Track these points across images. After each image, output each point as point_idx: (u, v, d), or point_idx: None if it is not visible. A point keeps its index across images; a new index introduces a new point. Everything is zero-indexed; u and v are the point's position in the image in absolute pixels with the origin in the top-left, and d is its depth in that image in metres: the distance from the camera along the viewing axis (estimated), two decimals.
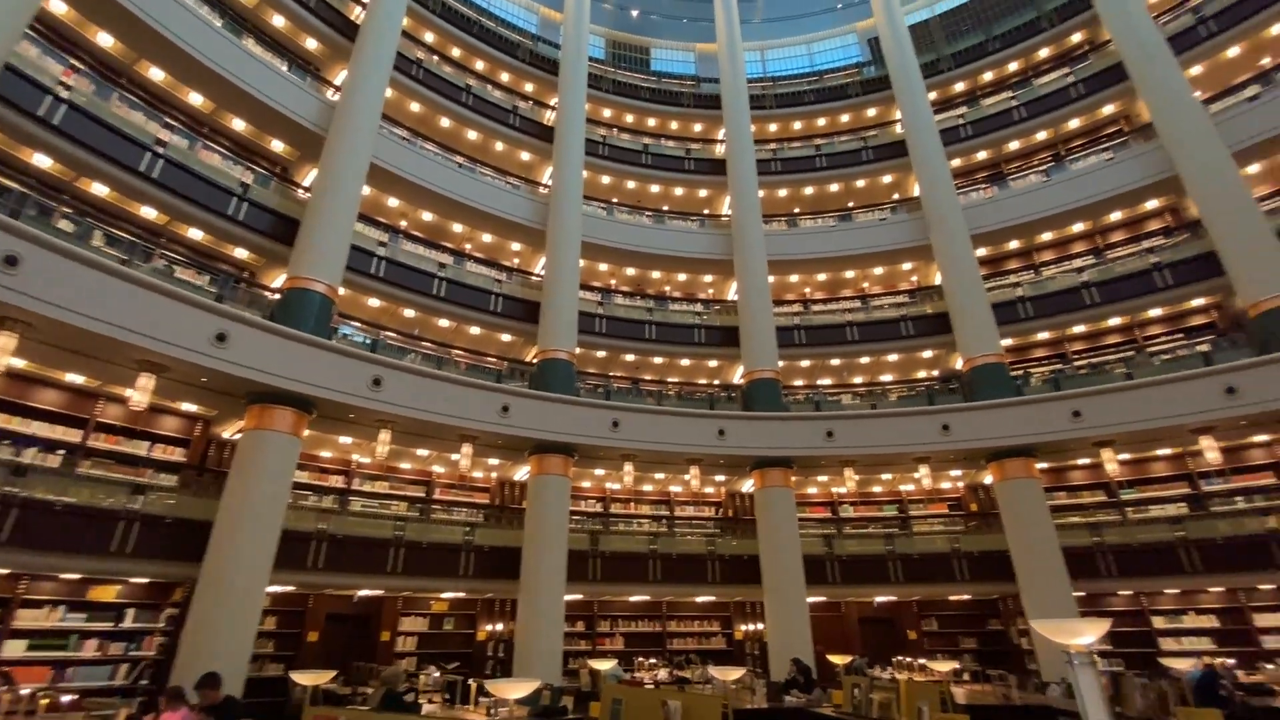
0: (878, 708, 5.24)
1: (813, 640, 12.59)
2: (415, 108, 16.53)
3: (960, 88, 19.58)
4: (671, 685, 10.32)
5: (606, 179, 18.77)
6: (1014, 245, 17.46)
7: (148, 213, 11.46)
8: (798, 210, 19.47)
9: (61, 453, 9.78)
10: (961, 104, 19.02)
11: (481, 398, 12.41)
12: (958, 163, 17.87)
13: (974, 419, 13.56)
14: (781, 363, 15.63)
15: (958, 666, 10.90)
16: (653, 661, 13.76)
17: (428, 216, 15.86)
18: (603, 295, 16.80)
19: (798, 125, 20.83)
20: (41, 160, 10.15)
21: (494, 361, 15.01)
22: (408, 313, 14.59)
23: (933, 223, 16.50)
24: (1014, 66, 18.97)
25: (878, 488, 16.94)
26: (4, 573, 8.88)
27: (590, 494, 16.75)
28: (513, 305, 15.11)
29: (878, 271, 18.47)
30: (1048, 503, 13.19)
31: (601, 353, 16.55)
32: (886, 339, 16.34)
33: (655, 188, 19.27)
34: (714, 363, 17.24)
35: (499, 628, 14.15)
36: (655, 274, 18.32)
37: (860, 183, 19.29)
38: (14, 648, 8.90)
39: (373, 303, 14.22)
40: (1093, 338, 16.19)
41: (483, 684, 7.48)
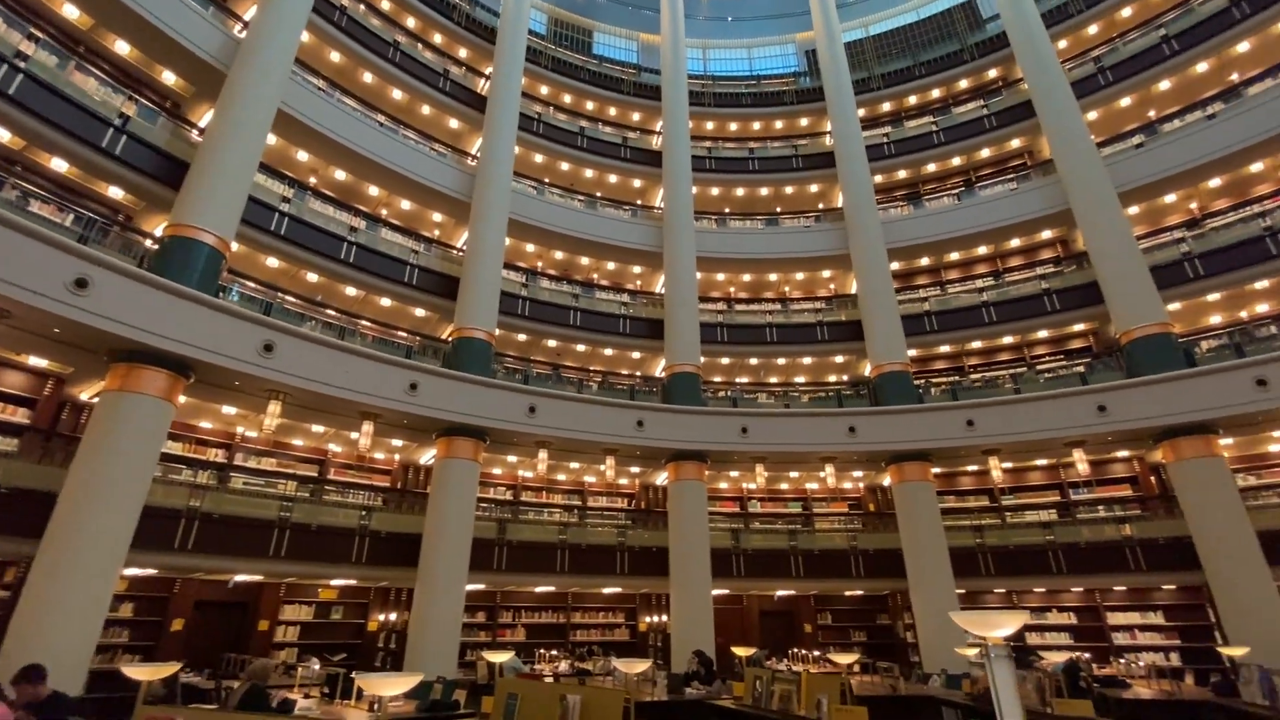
0: (778, 700, 5.25)
1: (715, 632, 12.74)
2: (335, 58, 15.28)
3: (887, 107, 20.45)
4: (572, 678, 10.09)
5: (539, 157, 18.20)
6: (925, 262, 18.47)
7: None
8: (728, 210, 19.68)
9: None
10: (887, 123, 19.87)
11: (388, 373, 11.63)
12: (880, 179, 18.66)
13: (878, 423, 14.18)
14: (703, 359, 15.72)
15: (857, 659, 11.29)
16: (554, 653, 13.48)
17: (341, 175, 14.71)
18: (527, 276, 16.25)
19: (733, 126, 21.05)
20: None
21: (405, 336, 14.14)
22: (311, 277, 13.45)
23: (853, 234, 17.13)
24: (936, 93, 20.03)
25: (785, 485, 17.43)
26: None
27: (500, 481, 16.21)
28: (430, 278, 14.29)
29: (799, 277, 18.98)
30: (938, 505, 14.00)
31: (522, 336, 16.01)
32: (803, 342, 16.82)
33: (589, 172, 18.88)
34: (637, 354, 17.11)
35: (393, 617, 13.38)
36: (584, 260, 17.94)
37: (789, 189, 19.75)
38: None
39: (271, 263, 13.00)
40: (987, 354, 17.39)
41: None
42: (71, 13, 11.17)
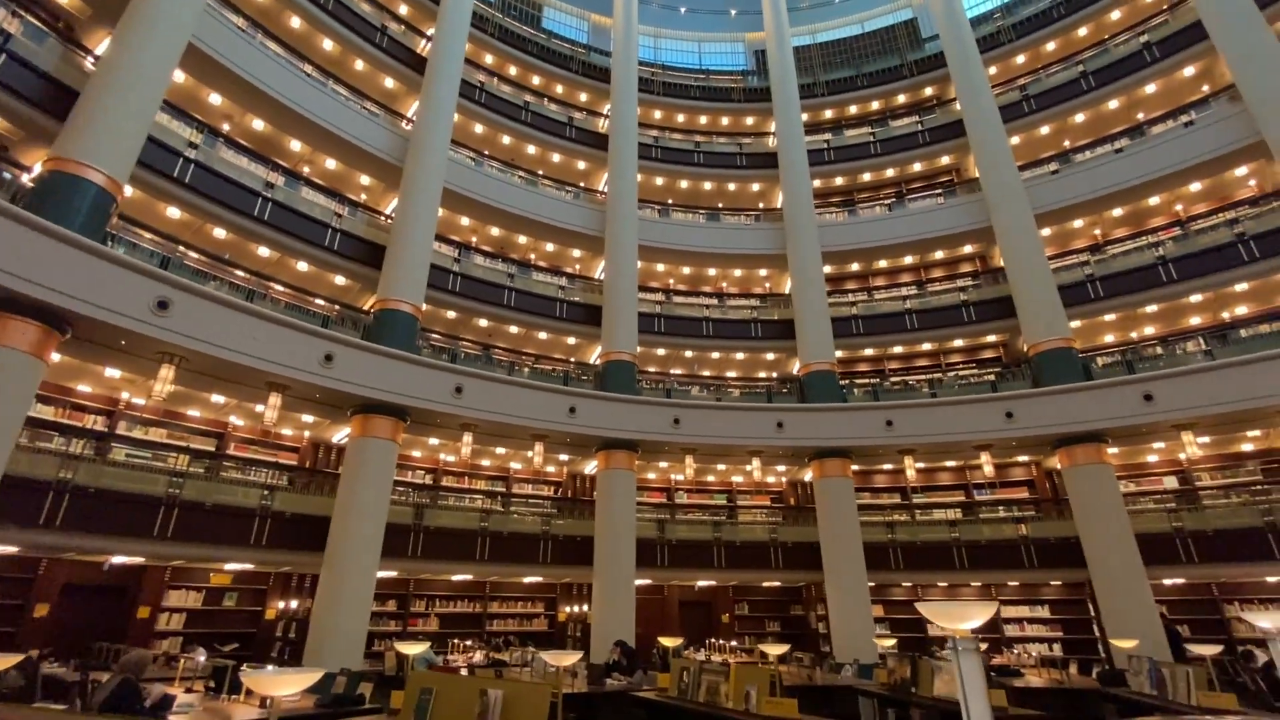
0: (706, 691, 5.16)
1: (636, 622, 12.67)
2: None
3: (829, 115, 20.94)
4: (488, 669, 9.71)
5: (479, 128, 17.42)
6: (855, 267, 19.09)
7: None
8: (671, 201, 19.58)
9: None
10: (828, 130, 20.36)
11: (301, 342, 10.74)
12: (818, 184, 19.08)
13: (805, 419, 14.52)
14: (639, 348, 15.56)
15: (789, 649, 11.41)
16: (469, 644, 12.99)
17: (259, 125, 13.46)
18: (460, 251, 15.53)
19: (681, 118, 20.96)
20: None
21: (323, 304, 13.18)
22: (218, 233, 12.24)
23: (790, 235, 17.44)
24: (876, 105, 20.70)
25: (711, 477, 17.60)
26: None
27: (420, 464, 15.47)
28: (353, 244, 13.35)
29: (737, 273, 19.17)
30: (856, 501, 14.51)
31: (452, 313, 15.29)
32: (737, 337, 16.99)
33: (532, 149, 18.26)
34: (572, 340, 16.74)
35: (293, 605, 12.49)
36: (521, 239, 17.36)
37: (732, 186, 19.89)
38: None
39: (172, 213, 11.72)
40: (907, 359, 18.20)
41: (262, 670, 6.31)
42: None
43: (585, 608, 14.98)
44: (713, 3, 23.97)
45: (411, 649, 6.77)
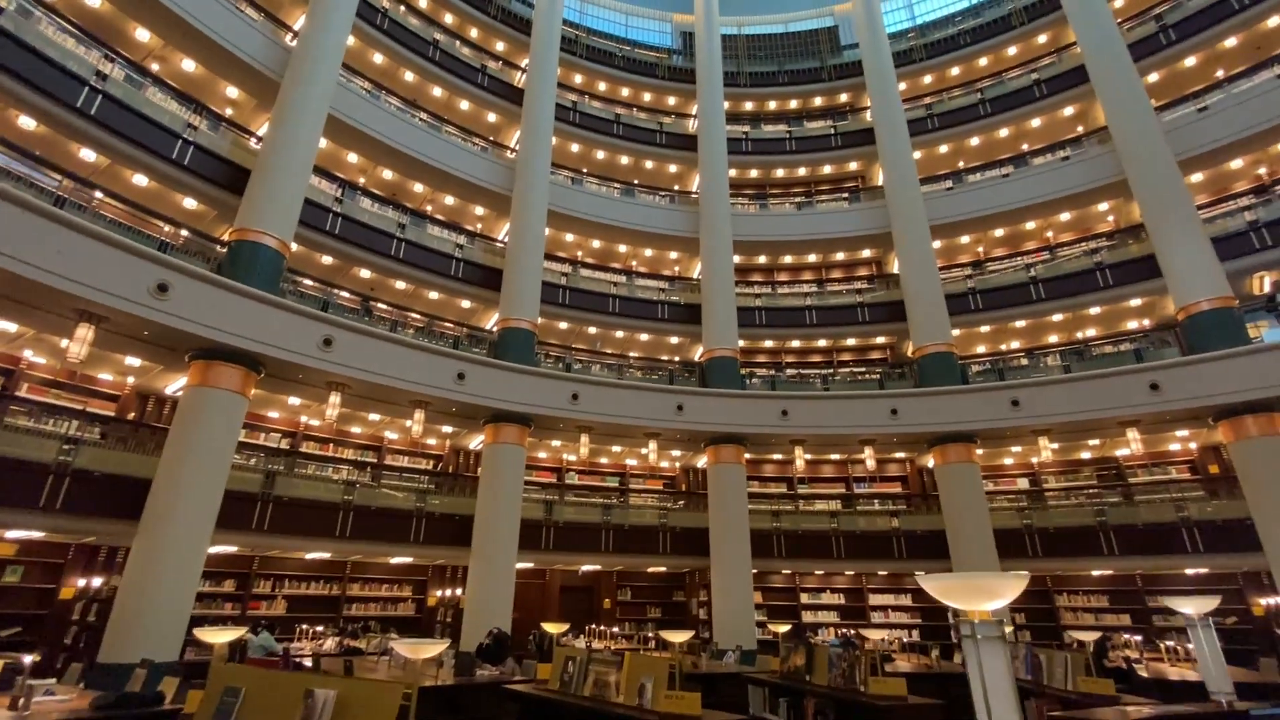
0: (593, 684, 4.50)
1: (514, 607, 11.84)
2: (378, 59, 15.37)
3: (749, 107, 20.98)
4: (339, 658, 8.49)
5: (379, 58, 15.61)
6: (762, 260, 19.27)
7: None
8: (585, 170, 18.69)
9: None
10: (747, 121, 20.37)
11: (124, 265, 8.83)
12: (734, 174, 19.00)
13: (705, 403, 14.32)
14: (541, 320, 14.62)
15: (693, 635, 10.95)
16: (320, 629, 11.55)
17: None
18: (344, 189, 13.74)
19: (602, 86, 20.10)
20: None
21: (168, 231, 11.04)
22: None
23: (704, 220, 17.20)
24: (794, 104, 21.00)
25: (605, 459, 17.04)
26: None
27: (275, 426, 13.60)
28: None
29: (648, 253, 18.68)
30: (747, 489, 14.54)
31: (327, 258, 13.51)
32: (644, 317, 16.50)
33: (438, 91, 16.65)
34: (467, 303, 15.44)
35: (97, 583, 10.43)
36: (418, 187, 15.75)
37: (649, 163, 19.33)
38: None
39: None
40: (803, 353, 18.65)
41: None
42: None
43: (459, 591, 13.91)
44: None
45: (220, 635, 5.55)
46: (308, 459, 13.53)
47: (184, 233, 11.09)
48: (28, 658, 4.77)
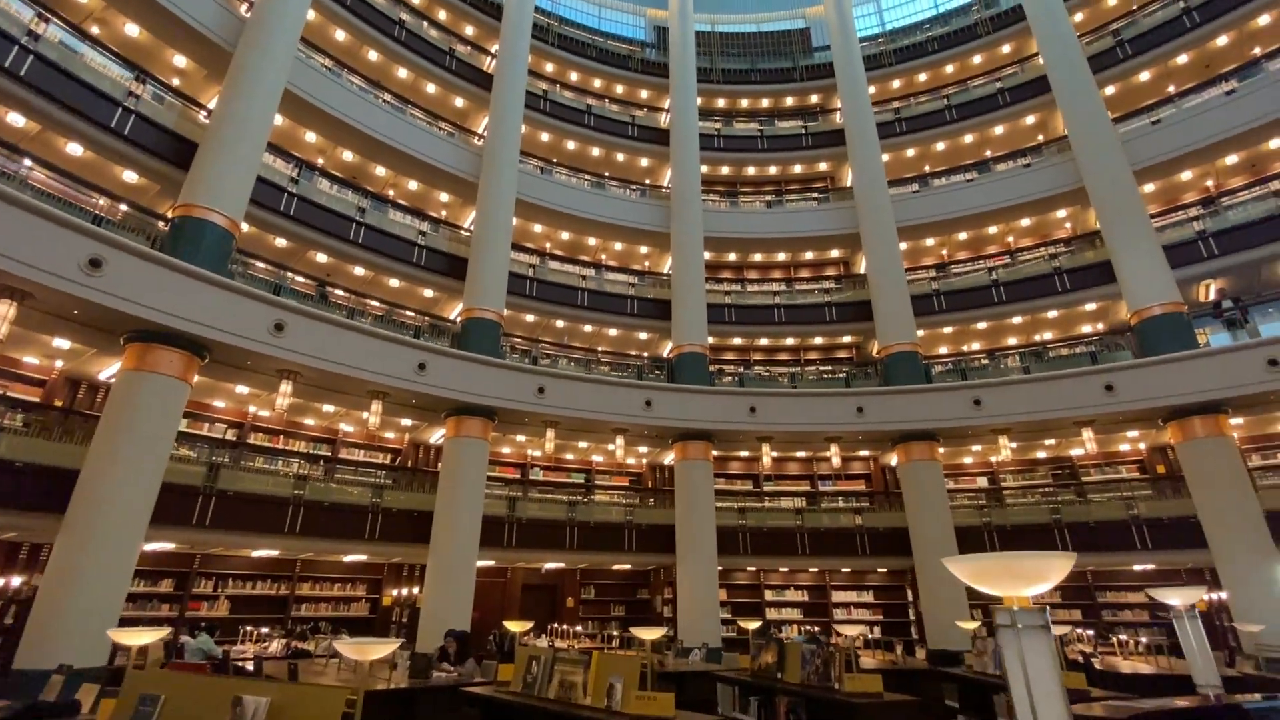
0: (558, 686, 4.23)
1: (473, 607, 11.44)
2: (340, 36, 14.81)
3: (721, 104, 20.91)
4: (283, 660, 8.00)
5: (341, 34, 14.99)
6: (732, 257, 19.22)
7: None
8: (555, 160, 18.32)
9: None
10: (720, 118, 20.30)
11: (52, 236, 8.14)
12: (705, 170, 18.86)
13: (674, 399, 14.14)
14: (507, 311, 14.21)
15: (664, 633, 10.58)
16: (265, 631, 10.95)
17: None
18: (300, 169, 13.09)
19: (574, 76, 19.76)
20: None
21: (105, 204, 10.27)
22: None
23: (675, 214, 17.04)
24: (766, 103, 21.02)
25: (571, 455, 16.72)
26: None
27: (221, 416, 12.86)
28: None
29: (618, 246, 18.42)
30: (714, 486, 14.42)
31: (281, 241, 12.86)
32: (613, 311, 16.25)
33: (403, 73, 16.06)
34: (430, 292, 14.92)
35: (16, 582, 9.64)
36: (379, 170, 15.14)
37: (620, 156, 19.08)
38: None
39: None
40: (771, 351, 18.67)
41: None
42: None
43: (416, 590, 13.41)
44: None
45: (137, 638, 5.08)
46: (256, 451, 12.86)
47: (123, 207, 10.36)
48: None
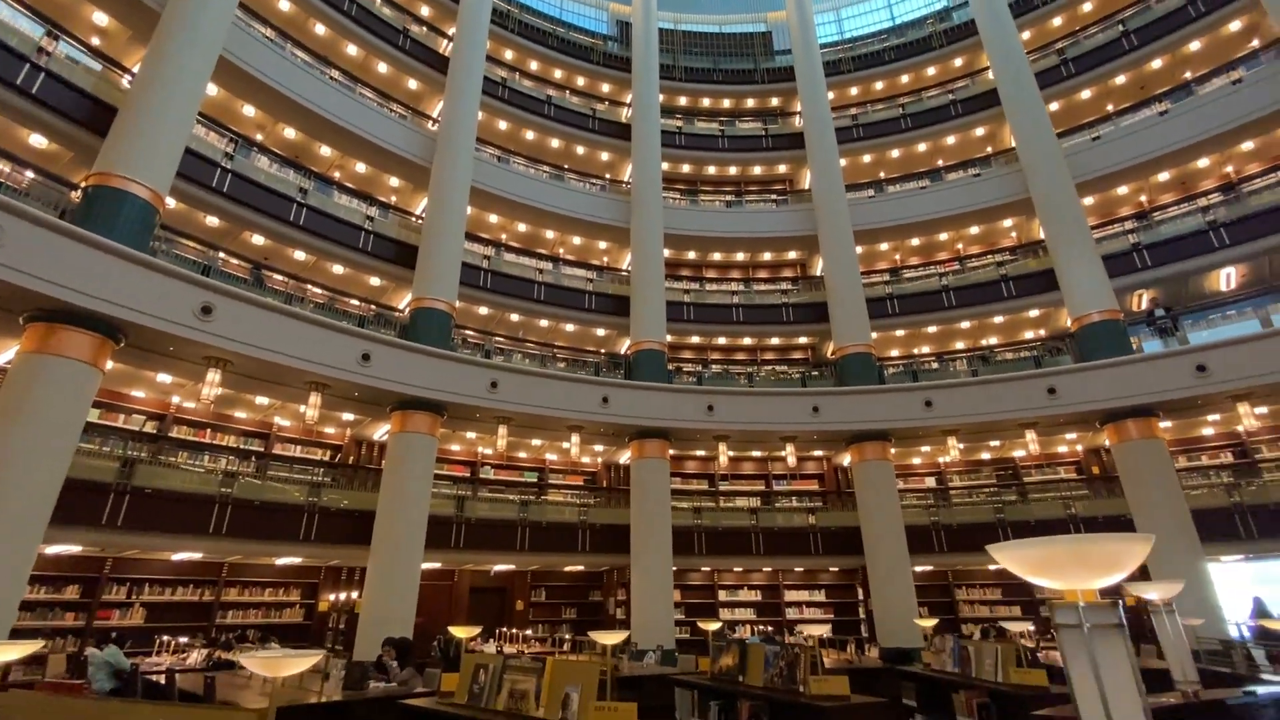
0: (506, 697, 3.86)
1: (417, 612, 10.86)
2: (285, 6, 13.89)
3: (683, 102, 20.77)
4: (202, 673, 7.31)
5: (286, 4, 14.14)
6: (691, 256, 19.09)
7: None
8: (513, 149, 17.80)
9: None
10: (681, 116, 20.18)
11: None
12: (666, 167, 18.66)
13: (631, 396, 13.86)
14: (460, 303, 13.64)
15: (627, 637, 10.15)
16: (185, 641, 10.10)
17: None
18: (236, 144, 12.21)
19: (534, 65, 19.27)
20: None
21: (6, 170, 9.26)
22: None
23: (636, 210, 16.79)
24: (727, 103, 21.03)
25: (523, 453, 16.22)
26: None
27: (139, 406, 11.84)
28: (66, 96, 9.68)
29: (576, 240, 18.03)
30: (670, 485, 14.21)
31: (213, 219, 11.95)
32: (570, 306, 15.86)
33: (353, 50, 15.28)
34: (377, 280, 14.20)
35: None
36: (325, 150, 14.32)
37: (580, 149, 18.72)
38: None
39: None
40: (728, 350, 18.64)
41: None
42: None
43: (355, 595, 12.69)
44: None
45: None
46: (179, 445, 11.89)
47: (29, 174, 9.39)
48: None
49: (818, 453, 16.65)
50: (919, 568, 14.45)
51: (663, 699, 6.25)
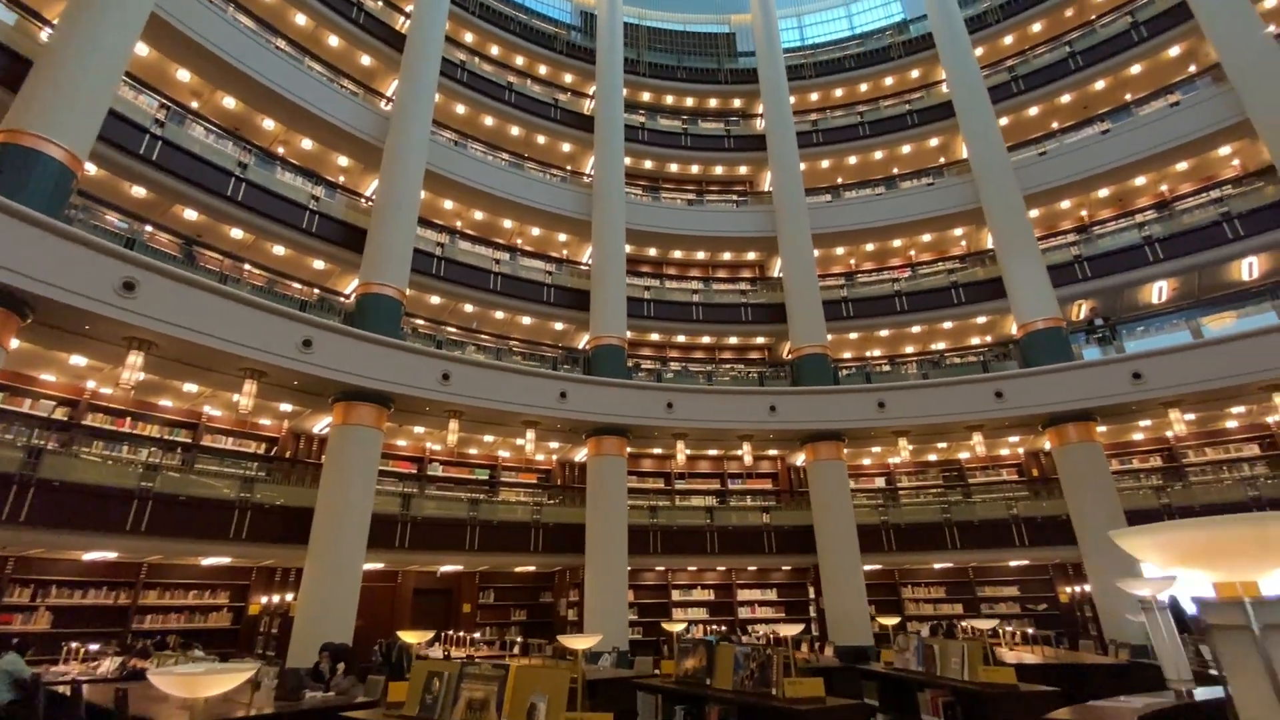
0: (464, 709, 3.52)
1: (358, 615, 10.25)
2: None
3: (647, 97, 20.59)
4: (114, 683, 6.61)
5: None
6: (652, 252, 18.90)
7: None
8: (471, 134, 17.19)
9: None
10: (644, 111, 19.96)
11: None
12: (629, 161, 18.40)
13: (589, 392, 13.55)
14: (410, 291, 13.03)
15: (595, 643, 9.61)
16: (96, 648, 9.21)
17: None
18: (169, 110, 11.27)
19: (495, 50, 18.70)
20: None
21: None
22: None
23: (598, 203, 16.49)
24: (690, 102, 20.95)
25: (474, 449, 15.67)
26: None
27: (49, 391, 10.77)
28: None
29: (535, 232, 17.57)
30: (627, 483, 13.98)
31: (140, 189, 11.00)
32: (528, 299, 15.41)
33: (302, 19, 14.45)
34: (321, 263, 13.41)
35: None
36: (268, 123, 13.44)
37: (541, 138, 18.27)
38: None
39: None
40: (687, 348, 18.54)
41: None
42: None
43: (290, 597, 11.93)
44: None
45: None
46: (94, 434, 10.88)
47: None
48: None
49: (773, 452, 16.73)
50: (868, 566, 14.68)
51: (623, 703, 6.00)
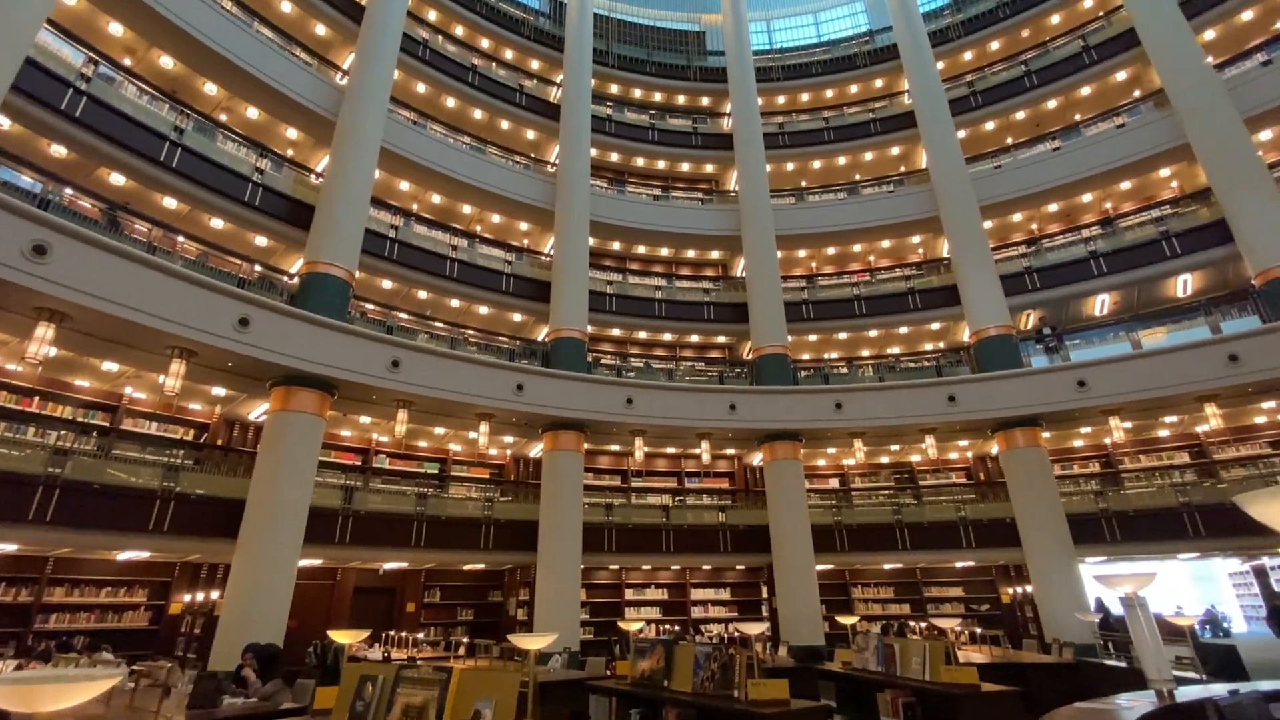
0: (400, 715, 3.15)
1: (290, 614, 9.60)
2: None
3: (615, 90, 20.29)
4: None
5: None
6: (616, 246, 18.60)
7: None
8: (431, 114, 16.52)
9: None
10: (612, 104, 19.68)
11: None
12: (594, 153, 18.11)
13: (547, 385, 13.16)
14: (361, 274, 12.37)
15: (553, 641, 9.06)
16: None
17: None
18: (96, 66, 10.34)
19: (460, 30, 18.08)
20: None
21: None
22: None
23: (562, 193, 16.12)
24: (659, 97, 20.73)
25: (424, 442, 15.04)
26: None
27: None
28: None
29: (495, 219, 17.03)
30: (583, 480, 13.65)
31: (60, 149, 10.02)
32: (486, 288, 14.90)
33: None
34: (263, 240, 12.60)
35: None
36: (210, 88, 12.56)
37: (505, 124, 17.74)
38: None
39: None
40: (648, 345, 18.33)
41: None
42: None
43: (216, 595, 11.12)
44: None
45: None
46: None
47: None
48: None
49: (730, 451, 16.68)
50: (820, 566, 14.76)
51: (575, 705, 5.69)
